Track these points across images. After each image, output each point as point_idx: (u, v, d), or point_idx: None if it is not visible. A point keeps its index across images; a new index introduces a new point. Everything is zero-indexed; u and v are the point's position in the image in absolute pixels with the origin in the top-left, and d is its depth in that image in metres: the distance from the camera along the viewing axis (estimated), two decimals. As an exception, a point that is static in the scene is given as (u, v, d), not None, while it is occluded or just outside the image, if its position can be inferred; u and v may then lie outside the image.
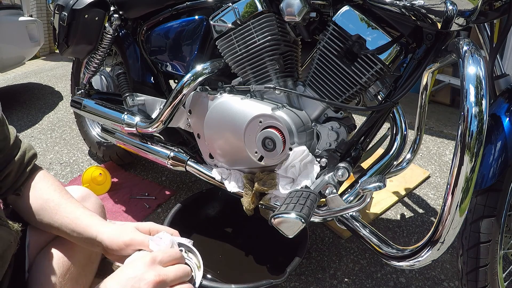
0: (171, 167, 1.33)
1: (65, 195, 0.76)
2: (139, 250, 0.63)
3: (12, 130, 0.76)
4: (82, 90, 1.71)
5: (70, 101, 1.71)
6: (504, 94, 0.92)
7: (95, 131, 2.02)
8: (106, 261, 0.97)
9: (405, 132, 1.07)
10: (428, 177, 1.85)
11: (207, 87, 1.17)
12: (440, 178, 1.85)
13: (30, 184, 0.76)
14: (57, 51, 1.62)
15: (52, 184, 0.77)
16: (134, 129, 1.38)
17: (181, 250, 0.63)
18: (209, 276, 1.16)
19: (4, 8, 3.00)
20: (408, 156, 1.32)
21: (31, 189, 0.75)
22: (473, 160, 0.74)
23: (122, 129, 1.44)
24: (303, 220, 0.82)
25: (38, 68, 4.53)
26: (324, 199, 0.98)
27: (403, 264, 0.89)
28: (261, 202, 1.10)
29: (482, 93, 0.74)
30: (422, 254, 0.83)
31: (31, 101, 3.20)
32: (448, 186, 0.77)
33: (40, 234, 0.77)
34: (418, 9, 0.82)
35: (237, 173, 1.17)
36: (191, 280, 0.60)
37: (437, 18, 0.80)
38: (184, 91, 1.18)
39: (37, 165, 0.80)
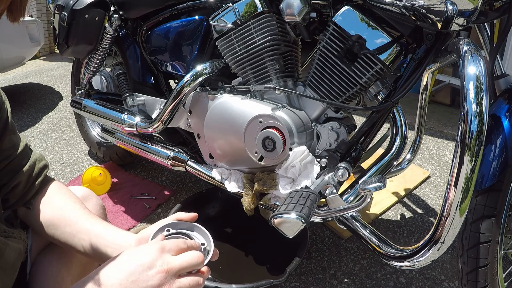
0: (171, 167, 1.32)
1: (81, 210, 0.70)
2: None
3: (22, 138, 0.73)
4: (82, 90, 1.71)
5: (70, 101, 1.71)
6: (504, 94, 0.92)
7: (95, 131, 2.01)
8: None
9: (405, 132, 1.07)
10: (428, 177, 1.85)
11: (207, 87, 1.17)
12: (440, 178, 1.85)
13: (41, 197, 0.71)
14: (57, 51, 1.62)
15: (66, 198, 0.72)
16: (134, 129, 1.38)
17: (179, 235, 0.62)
18: (209, 276, 1.16)
19: (4, 8, 3.00)
20: (408, 156, 1.33)
21: (44, 203, 0.71)
22: (473, 160, 0.74)
23: (122, 129, 1.44)
24: (303, 220, 0.82)
25: (38, 68, 4.53)
26: (324, 199, 0.98)
27: (403, 264, 0.89)
28: (261, 202, 1.10)
29: (482, 93, 0.74)
30: (422, 254, 0.83)
31: (31, 101, 3.19)
32: (448, 186, 0.77)
33: (41, 236, 0.76)
34: (418, 9, 0.82)
35: (237, 173, 1.17)
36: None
37: (437, 18, 0.80)
38: (184, 91, 1.18)
39: (49, 177, 0.75)
